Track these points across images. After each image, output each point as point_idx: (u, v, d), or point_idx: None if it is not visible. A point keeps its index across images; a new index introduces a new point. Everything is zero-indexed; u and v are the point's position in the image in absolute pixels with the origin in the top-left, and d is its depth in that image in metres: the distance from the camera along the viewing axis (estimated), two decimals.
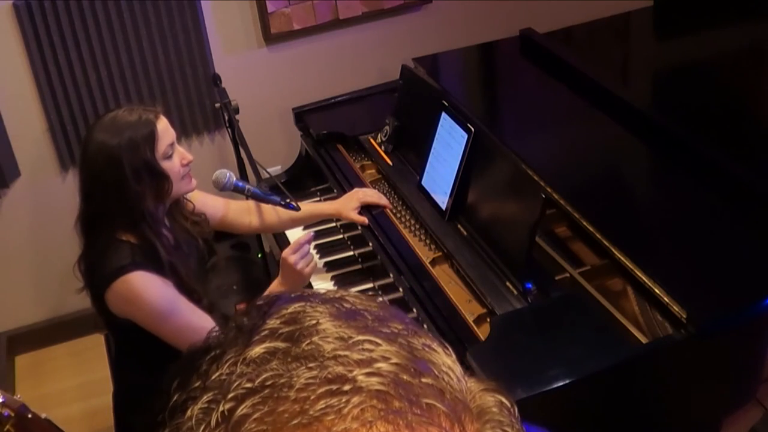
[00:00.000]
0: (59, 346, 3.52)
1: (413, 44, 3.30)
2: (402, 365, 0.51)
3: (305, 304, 0.55)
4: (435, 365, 0.53)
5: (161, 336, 2.11)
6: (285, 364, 0.50)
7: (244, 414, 0.48)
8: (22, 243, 3.37)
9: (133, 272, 2.04)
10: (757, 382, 2.08)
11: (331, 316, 0.54)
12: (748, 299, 1.96)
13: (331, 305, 0.55)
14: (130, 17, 3.09)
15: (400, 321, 0.56)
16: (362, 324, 0.54)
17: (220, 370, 0.52)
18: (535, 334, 2.03)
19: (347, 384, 0.49)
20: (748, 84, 2.84)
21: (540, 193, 2.12)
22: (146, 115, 2.09)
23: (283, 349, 0.51)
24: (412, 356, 0.52)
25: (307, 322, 0.53)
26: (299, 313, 0.54)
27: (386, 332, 0.54)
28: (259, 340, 0.52)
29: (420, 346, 0.54)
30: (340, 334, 0.52)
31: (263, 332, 0.53)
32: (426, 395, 0.51)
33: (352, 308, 0.56)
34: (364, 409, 0.49)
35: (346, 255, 2.65)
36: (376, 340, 0.52)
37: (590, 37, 3.21)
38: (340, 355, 0.51)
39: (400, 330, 0.55)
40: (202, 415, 0.50)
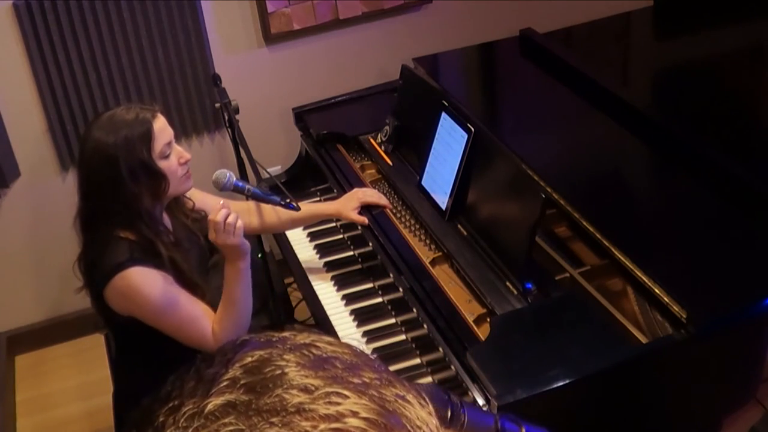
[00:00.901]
0: (59, 346, 3.52)
1: (413, 44, 3.30)
2: (371, 420, 0.48)
3: (272, 351, 0.52)
4: (408, 419, 0.50)
5: (163, 330, 2.11)
6: (246, 419, 0.47)
7: None
8: (22, 243, 3.37)
9: (131, 268, 2.05)
10: (757, 382, 2.08)
11: (298, 365, 0.51)
12: (748, 299, 1.96)
13: (300, 352, 0.52)
14: (130, 17, 3.09)
15: (373, 370, 0.53)
16: (331, 374, 0.51)
17: (176, 423, 0.49)
18: (535, 334, 2.03)
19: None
20: (749, 84, 2.84)
21: (540, 193, 2.12)
22: (143, 113, 2.08)
23: (244, 402, 0.48)
24: (383, 410, 0.49)
25: (271, 372, 0.50)
26: (263, 362, 0.51)
27: (356, 383, 0.51)
28: (218, 391, 0.49)
29: (392, 398, 0.51)
30: (306, 385, 0.49)
31: (223, 383, 0.50)
32: None
33: (321, 356, 0.52)
34: None
35: (346, 255, 2.65)
36: (344, 392, 0.49)
37: (590, 37, 3.21)
38: (305, 409, 0.48)
39: (372, 380, 0.52)
40: None
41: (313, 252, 2.70)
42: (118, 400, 2.40)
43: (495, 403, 1.80)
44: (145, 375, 2.18)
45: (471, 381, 1.92)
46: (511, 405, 1.78)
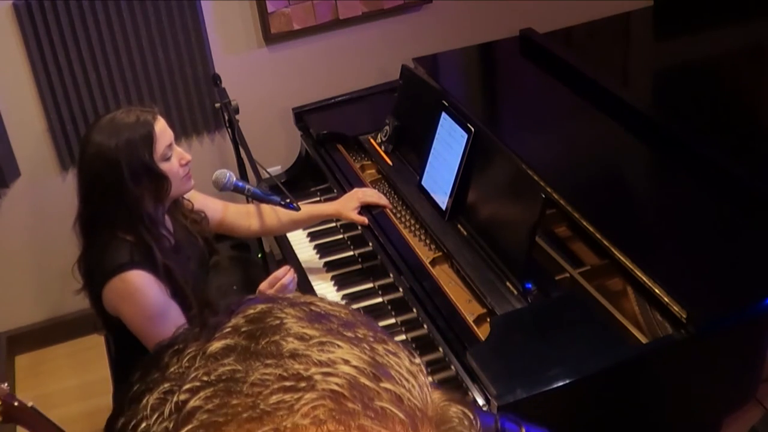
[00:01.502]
0: (59, 346, 3.52)
1: (413, 44, 3.30)
2: (361, 369, 0.51)
3: (273, 305, 0.55)
4: (397, 372, 0.53)
5: (143, 339, 2.10)
6: (243, 361, 0.51)
7: (196, 406, 0.49)
8: (22, 243, 3.37)
9: (132, 270, 2.04)
10: (757, 382, 2.08)
11: (297, 317, 0.54)
12: (748, 299, 1.96)
13: (299, 308, 0.55)
14: (130, 17, 3.08)
15: (367, 328, 0.55)
16: (327, 327, 0.54)
17: (179, 363, 0.52)
18: (535, 334, 2.03)
19: (302, 382, 0.49)
20: (749, 84, 2.84)
21: (540, 193, 2.12)
22: (144, 116, 2.08)
23: (243, 346, 0.52)
24: (373, 361, 0.52)
25: (271, 321, 0.53)
26: (264, 313, 0.54)
27: (350, 336, 0.53)
28: (220, 336, 0.53)
29: (383, 352, 0.54)
30: (302, 335, 0.52)
31: (226, 329, 0.53)
32: (382, 399, 0.50)
33: (319, 312, 0.55)
34: (315, 407, 0.48)
35: (346, 255, 2.66)
36: (338, 343, 0.52)
37: (590, 37, 3.21)
38: (299, 355, 0.51)
39: (366, 335, 0.54)
40: (157, 404, 0.50)
41: (313, 252, 2.70)
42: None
43: (495, 403, 1.80)
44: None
45: (471, 381, 1.92)
46: (511, 405, 1.78)
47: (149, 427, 0.50)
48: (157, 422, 0.49)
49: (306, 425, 0.48)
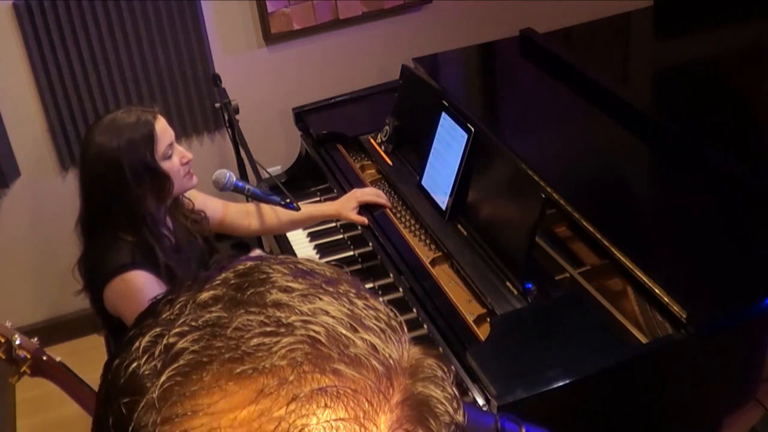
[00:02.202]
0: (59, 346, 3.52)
1: (413, 44, 3.30)
2: (339, 319, 0.54)
3: (261, 262, 0.59)
4: (374, 323, 0.56)
5: None
6: (228, 309, 0.54)
7: (183, 347, 0.52)
8: (22, 243, 3.37)
9: (134, 271, 2.04)
10: (757, 382, 2.08)
11: (283, 273, 0.57)
12: (748, 299, 1.96)
13: (286, 265, 0.59)
14: (130, 17, 3.09)
15: (350, 285, 0.59)
16: (311, 282, 0.57)
17: (171, 310, 0.56)
18: (535, 334, 2.03)
19: (282, 328, 0.53)
20: (749, 84, 2.84)
21: (540, 193, 2.12)
22: (144, 116, 2.08)
23: (230, 296, 0.55)
24: (352, 314, 0.56)
25: (258, 275, 0.57)
26: (252, 268, 0.58)
27: (332, 291, 0.57)
28: (210, 287, 0.57)
29: (363, 306, 0.57)
30: (286, 287, 0.56)
31: (216, 281, 0.57)
32: (357, 347, 0.53)
33: (305, 269, 0.59)
34: (293, 350, 0.52)
35: (346, 255, 2.66)
36: (319, 296, 0.56)
37: (590, 37, 3.21)
38: (282, 304, 0.54)
39: (347, 291, 0.58)
40: (148, 346, 0.54)
41: (313, 252, 2.70)
42: None
43: (495, 403, 1.80)
44: None
45: (471, 381, 1.92)
46: (511, 405, 1.78)
47: (140, 367, 0.53)
48: (147, 362, 0.53)
49: (283, 366, 0.51)
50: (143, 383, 0.52)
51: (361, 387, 0.52)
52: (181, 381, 0.51)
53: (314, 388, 0.51)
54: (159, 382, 0.51)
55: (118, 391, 0.54)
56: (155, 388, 0.51)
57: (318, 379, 0.51)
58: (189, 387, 0.51)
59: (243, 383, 0.50)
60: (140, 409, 0.51)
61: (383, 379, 0.54)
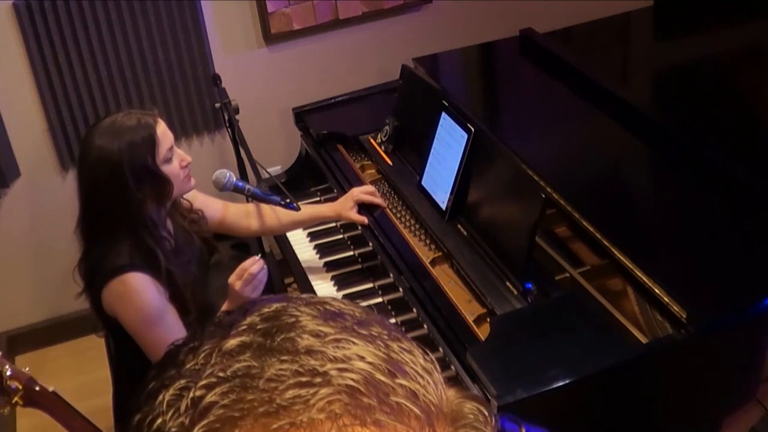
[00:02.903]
0: (59, 346, 3.52)
1: (413, 44, 3.30)
2: (376, 365, 0.51)
3: (287, 304, 0.56)
4: (412, 368, 0.53)
5: (140, 341, 2.10)
6: (258, 357, 0.51)
7: (212, 401, 0.49)
8: (22, 243, 3.37)
9: (132, 272, 2.04)
10: (757, 382, 2.08)
11: (311, 315, 0.54)
12: (748, 299, 1.96)
13: (314, 307, 0.56)
14: (130, 17, 3.09)
15: (381, 326, 0.56)
16: (342, 325, 0.54)
17: (195, 360, 0.53)
18: (535, 334, 2.03)
19: (318, 377, 0.50)
20: (749, 84, 2.84)
21: (540, 193, 2.12)
22: (145, 119, 2.07)
23: (258, 343, 0.52)
24: (388, 358, 0.53)
25: (287, 319, 0.54)
26: (279, 311, 0.55)
27: (365, 334, 0.54)
28: (236, 333, 0.53)
29: (398, 349, 0.54)
30: (318, 332, 0.53)
31: (241, 327, 0.54)
32: (398, 395, 0.51)
33: (334, 310, 0.56)
34: (331, 401, 0.49)
35: (346, 255, 2.66)
36: (353, 340, 0.53)
37: (590, 37, 3.21)
38: (315, 351, 0.51)
39: (380, 333, 0.55)
40: (173, 400, 0.51)
41: (313, 252, 2.70)
42: (118, 400, 2.40)
43: (495, 403, 1.80)
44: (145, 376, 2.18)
45: (471, 381, 1.92)
46: (511, 405, 1.78)
47: (165, 423, 0.50)
48: (173, 418, 0.50)
49: (322, 419, 0.48)
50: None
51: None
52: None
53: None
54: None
55: None
56: None
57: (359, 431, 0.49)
58: None
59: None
60: None
61: (426, 427, 0.51)
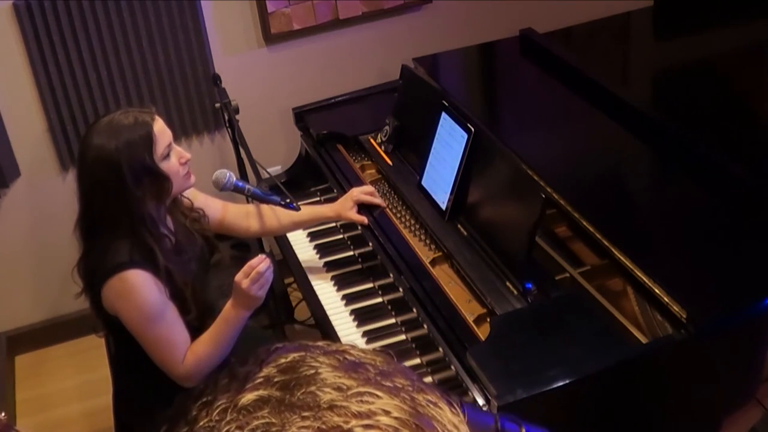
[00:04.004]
0: (59, 346, 3.52)
1: (413, 44, 3.30)
2: (403, 420, 0.49)
3: (305, 354, 0.53)
4: (439, 423, 0.51)
5: (140, 339, 2.10)
6: (278, 413, 0.48)
7: None
8: (22, 243, 3.37)
9: (131, 270, 2.04)
10: (757, 382, 2.08)
11: (331, 366, 0.51)
12: (748, 299, 1.96)
13: (333, 357, 0.53)
14: (130, 17, 3.09)
15: (405, 377, 0.53)
16: (364, 376, 0.51)
17: (208, 417, 0.49)
18: (535, 334, 2.03)
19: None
20: (748, 84, 2.84)
21: (540, 193, 2.12)
22: (142, 116, 2.08)
23: (277, 398, 0.49)
24: (414, 411, 0.50)
25: (305, 371, 0.51)
26: (297, 362, 0.52)
27: (389, 386, 0.51)
28: (252, 387, 0.50)
29: (424, 402, 0.52)
30: (339, 385, 0.50)
31: (257, 380, 0.51)
32: None
33: (354, 360, 0.53)
34: None
35: (346, 255, 2.65)
36: (377, 393, 0.50)
37: (590, 37, 3.21)
38: (338, 406, 0.48)
39: (404, 385, 0.52)
40: None
41: (313, 252, 2.70)
42: (118, 400, 2.40)
43: (495, 403, 1.80)
44: (145, 376, 2.18)
45: (471, 381, 1.92)
46: (511, 405, 1.78)
47: None
48: None
49: None
50: None
51: None
52: None
53: None
54: None
55: None
56: None
57: None
58: None
59: None
60: None
61: None
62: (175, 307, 2.12)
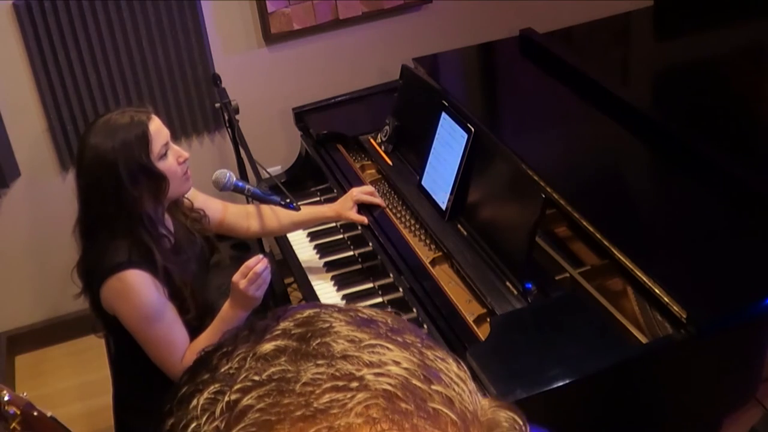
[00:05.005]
0: (59, 346, 3.52)
1: (413, 44, 3.30)
2: (412, 371, 0.52)
3: (320, 310, 0.56)
4: (446, 375, 0.53)
5: (138, 338, 2.10)
6: (294, 362, 0.51)
7: (248, 405, 0.49)
8: (22, 243, 3.37)
9: (130, 270, 2.04)
10: (757, 382, 2.09)
11: (345, 322, 0.55)
12: (748, 299, 1.96)
13: (346, 314, 0.56)
14: (130, 17, 3.08)
15: (414, 334, 0.56)
16: (375, 331, 0.54)
17: (229, 364, 0.53)
18: (535, 334, 2.03)
19: (354, 381, 0.50)
20: (748, 84, 2.84)
21: (540, 193, 2.12)
22: (138, 116, 2.08)
23: (293, 348, 0.52)
24: (423, 364, 0.53)
25: (320, 324, 0.54)
26: (313, 317, 0.55)
27: (399, 341, 0.54)
28: (270, 338, 0.53)
29: (432, 357, 0.54)
30: (352, 338, 0.53)
31: (276, 332, 0.54)
32: (434, 401, 0.51)
33: (366, 317, 0.56)
34: (369, 406, 0.49)
35: (346, 255, 2.65)
36: (387, 346, 0.53)
37: (590, 37, 3.21)
38: (350, 356, 0.51)
39: (413, 341, 0.55)
40: (208, 404, 0.51)
41: (313, 252, 2.70)
42: (118, 400, 2.40)
43: None
44: (145, 376, 2.18)
45: None
46: None
47: (200, 427, 0.50)
48: (208, 422, 0.50)
49: (360, 424, 0.48)
50: None
51: None
52: None
53: None
54: None
55: None
56: None
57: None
58: None
59: None
60: None
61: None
62: (174, 307, 2.12)
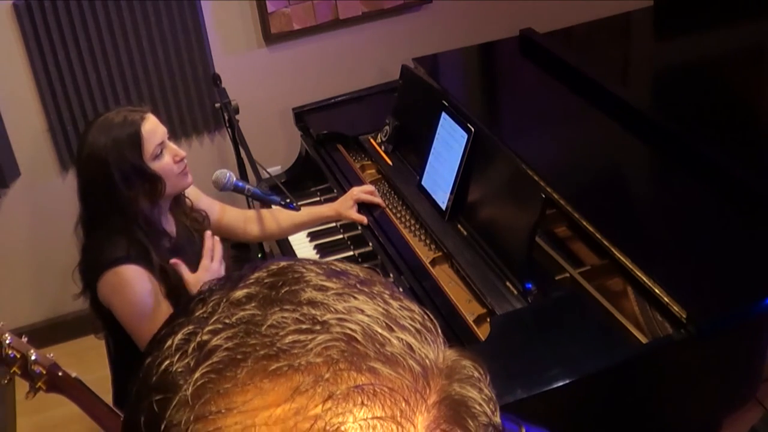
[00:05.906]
0: (59, 346, 3.51)
1: (413, 44, 3.30)
2: (375, 317, 0.54)
3: (294, 262, 0.59)
4: (410, 324, 0.56)
5: (132, 335, 2.11)
6: (262, 307, 0.54)
7: (217, 344, 0.52)
8: (21, 243, 3.37)
9: (127, 265, 2.05)
10: (757, 382, 2.08)
11: (316, 272, 0.57)
12: (748, 299, 1.96)
13: (319, 266, 0.59)
14: (130, 17, 3.08)
15: (384, 287, 0.58)
16: (345, 282, 0.57)
17: (204, 308, 0.56)
18: (535, 334, 2.03)
19: (318, 325, 0.52)
20: (748, 84, 2.84)
21: (540, 193, 2.12)
22: (131, 116, 2.08)
23: (264, 294, 0.55)
24: (387, 313, 0.55)
25: (292, 274, 0.57)
26: (286, 268, 0.58)
27: (367, 291, 0.57)
28: (243, 285, 0.56)
29: (398, 307, 0.56)
30: (321, 286, 0.56)
31: (249, 280, 0.57)
32: (393, 346, 0.53)
33: (338, 270, 0.59)
34: (329, 347, 0.51)
35: (346, 255, 2.65)
36: (354, 295, 0.55)
37: (590, 37, 3.21)
38: (317, 303, 0.54)
39: (382, 292, 0.57)
40: (181, 344, 0.54)
41: (313, 252, 2.70)
42: (118, 400, 2.40)
43: None
44: None
45: None
46: (511, 405, 1.78)
47: (172, 364, 0.53)
48: (180, 360, 0.53)
49: (319, 363, 0.51)
50: (176, 381, 0.52)
51: (397, 386, 0.52)
52: (214, 378, 0.51)
53: (350, 386, 0.50)
54: (192, 380, 0.51)
55: (150, 389, 0.54)
56: (188, 386, 0.51)
57: (354, 377, 0.50)
58: (223, 384, 0.50)
59: (278, 381, 0.50)
60: (173, 407, 0.51)
61: (420, 379, 0.53)
62: (170, 305, 2.12)
